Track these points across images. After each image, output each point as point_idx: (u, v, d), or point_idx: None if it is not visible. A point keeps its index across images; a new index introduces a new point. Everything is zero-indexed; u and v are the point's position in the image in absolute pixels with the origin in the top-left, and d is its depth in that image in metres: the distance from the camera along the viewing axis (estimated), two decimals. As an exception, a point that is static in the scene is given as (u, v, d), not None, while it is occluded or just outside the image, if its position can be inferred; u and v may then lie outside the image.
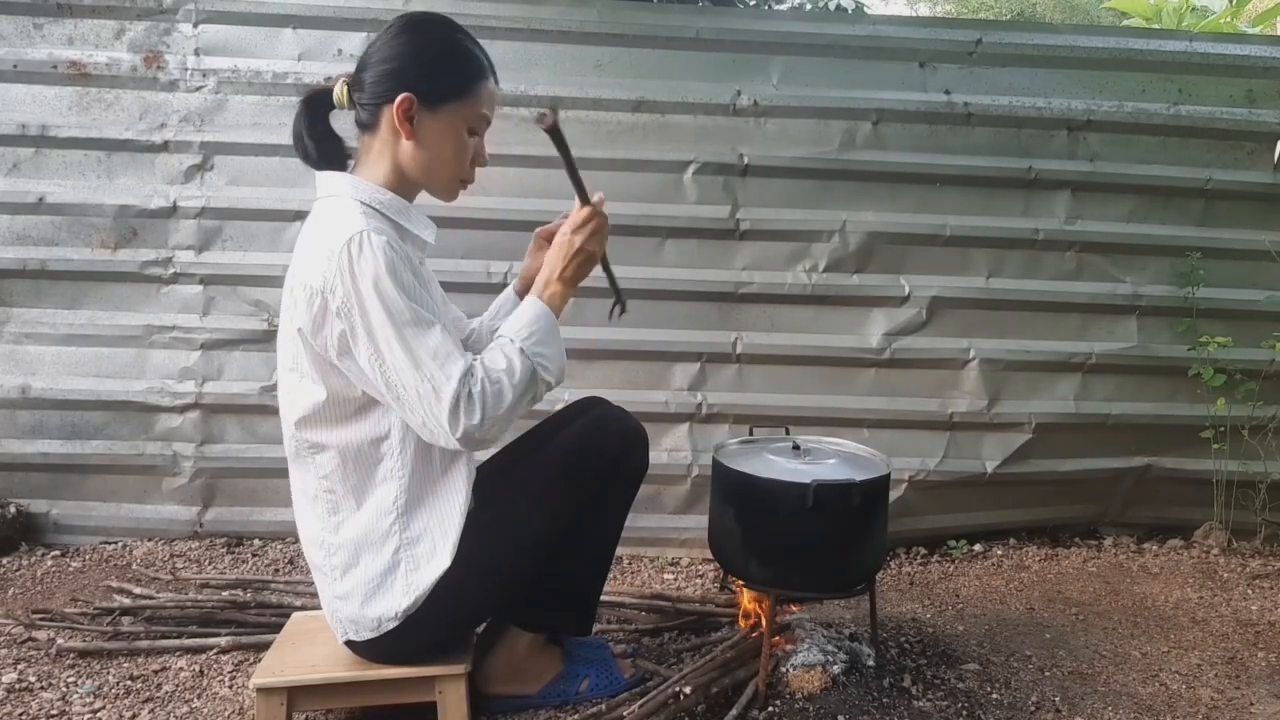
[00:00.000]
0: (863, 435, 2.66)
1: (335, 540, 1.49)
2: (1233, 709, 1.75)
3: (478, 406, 1.35)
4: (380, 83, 1.44)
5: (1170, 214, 2.81)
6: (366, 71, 1.46)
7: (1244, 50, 2.82)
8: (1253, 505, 2.72)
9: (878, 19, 2.93)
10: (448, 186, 1.53)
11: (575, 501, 1.57)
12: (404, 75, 1.43)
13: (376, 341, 1.35)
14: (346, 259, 1.34)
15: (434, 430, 1.36)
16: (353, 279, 1.34)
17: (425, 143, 1.46)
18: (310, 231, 1.45)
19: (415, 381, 1.34)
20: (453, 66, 1.47)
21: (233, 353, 2.65)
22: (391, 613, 1.47)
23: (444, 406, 1.33)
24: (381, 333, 1.34)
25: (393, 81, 1.43)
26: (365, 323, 1.34)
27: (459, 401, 1.34)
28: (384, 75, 1.44)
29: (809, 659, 1.74)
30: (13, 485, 2.62)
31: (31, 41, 2.61)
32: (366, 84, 1.45)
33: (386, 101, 1.43)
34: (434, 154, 1.47)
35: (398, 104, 1.42)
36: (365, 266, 1.33)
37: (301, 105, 1.50)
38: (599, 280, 2.64)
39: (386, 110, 1.44)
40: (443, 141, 1.47)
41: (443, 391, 1.33)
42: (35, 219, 2.62)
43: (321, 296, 1.36)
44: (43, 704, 1.71)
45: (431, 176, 1.50)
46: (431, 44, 1.47)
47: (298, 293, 1.40)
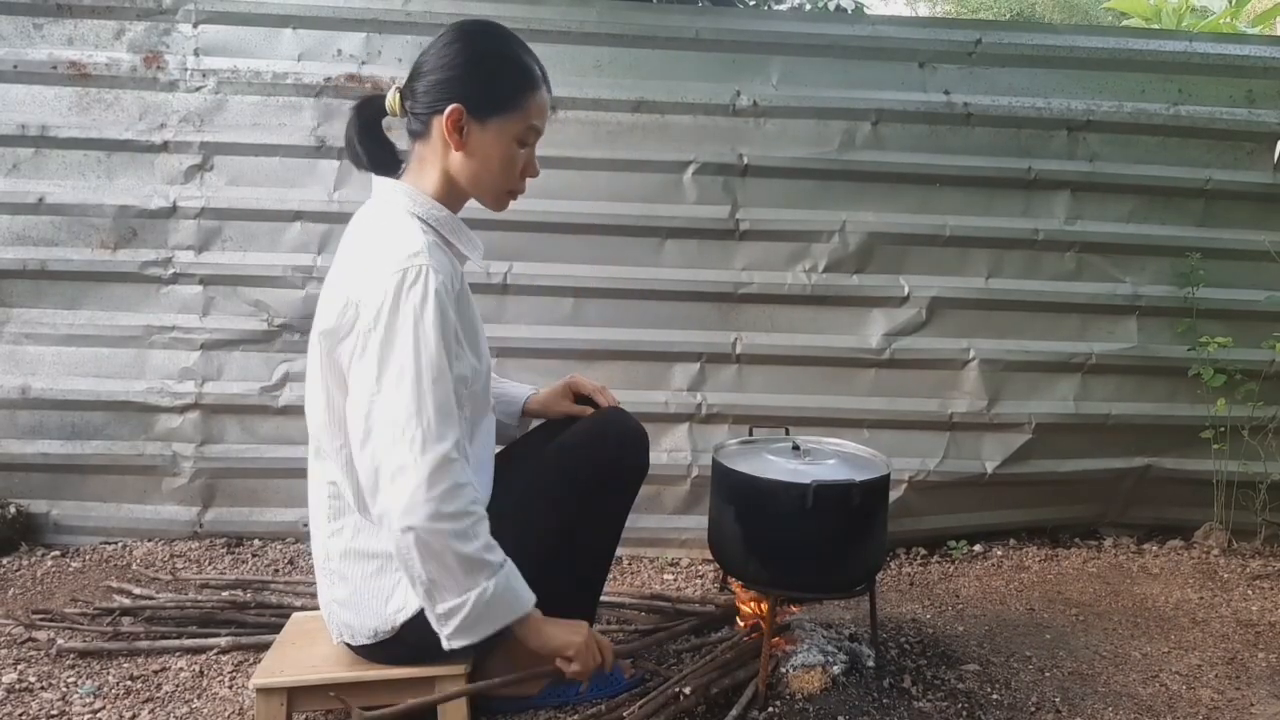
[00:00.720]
0: (863, 435, 2.66)
1: (336, 545, 1.49)
2: (1233, 709, 1.75)
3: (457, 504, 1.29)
4: (431, 92, 1.44)
5: (1170, 214, 2.81)
6: (419, 80, 1.46)
7: (1244, 50, 2.82)
8: (1253, 506, 2.72)
9: (877, 19, 2.93)
10: (496, 197, 1.53)
11: (576, 502, 1.57)
12: (454, 86, 1.43)
13: (385, 372, 1.31)
14: (395, 285, 1.32)
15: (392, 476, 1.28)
16: (394, 304, 1.32)
17: (474, 154, 1.46)
18: (360, 237, 1.45)
19: (405, 425, 1.28)
20: (503, 78, 1.46)
21: (233, 353, 2.65)
22: (388, 625, 1.47)
23: (426, 461, 1.28)
24: (396, 366, 1.31)
25: (443, 91, 1.43)
26: (383, 351, 1.32)
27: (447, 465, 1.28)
28: (435, 85, 1.44)
29: (809, 659, 1.74)
30: (13, 485, 2.62)
31: (31, 42, 2.61)
32: (418, 93, 1.46)
33: (437, 112, 1.44)
34: (482, 165, 1.47)
35: (447, 115, 1.42)
36: (413, 299, 1.32)
37: (354, 111, 1.51)
38: (600, 280, 2.67)
39: (437, 120, 1.44)
40: (491, 153, 1.47)
41: (430, 446, 1.28)
42: (35, 219, 2.62)
43: (355, 309, 1.35)
44: (43, 704, 1.71)
45: (480, 187, 1.50)
46: (483, 54, 1.46)
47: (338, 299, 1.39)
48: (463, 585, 1.32)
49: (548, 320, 2.67)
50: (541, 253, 2.66)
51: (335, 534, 1.49)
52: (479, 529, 1.34)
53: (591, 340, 2.67)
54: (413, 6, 2.64)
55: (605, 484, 1.61)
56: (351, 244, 1.47)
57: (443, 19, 2.63)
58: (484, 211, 1.59)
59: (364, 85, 2.64)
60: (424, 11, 2.64)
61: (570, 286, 2.68)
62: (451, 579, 1.32)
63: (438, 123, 1.44)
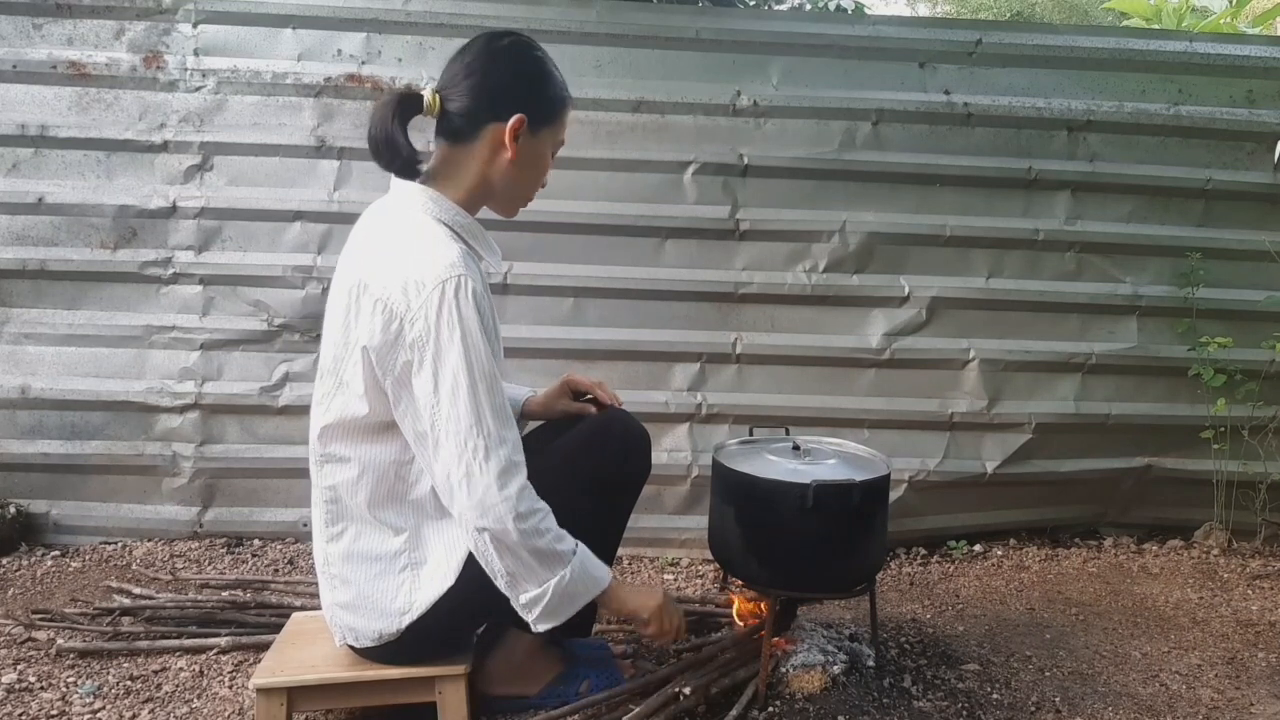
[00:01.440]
0: (863, 435, 2.66)
1: (335, 549, 1.49)
2: (1233, 709, 1.75)
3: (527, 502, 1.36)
4: (491, 97, 1.44)
5: (1170, 214, 2.81)
6: (466, 81, 1.44)
7: (1244, 50, 2.82)
8: (1253, 505, 2.72)
9: (877, 19, 2.93)
10: (520, 202, 1.58)
11: (577, 504, 1.56)
12: (518, 95, 1.46)
13: (441, 384, 1.34)
14: (438, 298, 1.33)
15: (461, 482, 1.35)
16: (438, 319, 1.33)
17: (522, 161, 1.49)
18: (384, 239, 1.43)
19: (468, 435, 1.34)
20: (553, 91, 1.52)
21: (232, 353, 2.65)
22: (392, 628, 1.47)
23: (492, 466, 1.34)
24: (450, 378, 1.34)
25: (508, 99, 1.45)
26: (436, 364, 1.34)
27: (510, 471, 1.35)
28: (496, 90, 1.45)
29: (809, 659, 1.74)
30: (12, 485, 2.62)
31: (31, 42, 2.61)
32: (469, 95, 1.44)
33: (495, 119, 1.44)
34: (525, 172, 1.51)
35: (512, 123, 1.44)
36: (457, 313, 1.33)
37: (394, 107, 1.44)
38: (601, 280, 2.67)
39: (494, 126, 1.45)
40: (536, 162, 1.52)
41: (494, 452, 1.34)
42: (35, 219, 2.62)
43: (400, 323, 1.35)
44: (43, 704, 1.71)
45: (514, 192, 1.54)
46: (537, 66, 1.51)
47: (364, 301, 1.38)
48: (541, 577, 1.40)
49: (548, 320, 2.67)
50: (542, 252, 2.66)
51: (334, 538, 1.49)
52: (547, 523, 1.40)
53: (592, 340, 2.67)
54: (413, 6, 2.64)
55: (608, 486, 1.61)
56: (373, 245, 1.44)
57: (443, 19, 2.64)
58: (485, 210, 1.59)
59: (364, 85, 2.64)
60: (424, 11, 2.64)
61: (570, 286, 2.68)
62: (529, 572, 1.39)
63: (494, 129, 1.45)
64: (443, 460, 1.36)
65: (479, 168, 1.48)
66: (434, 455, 1.37)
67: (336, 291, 1.46)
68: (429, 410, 1.35)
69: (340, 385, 1.42)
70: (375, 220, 1.49)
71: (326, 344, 1.47)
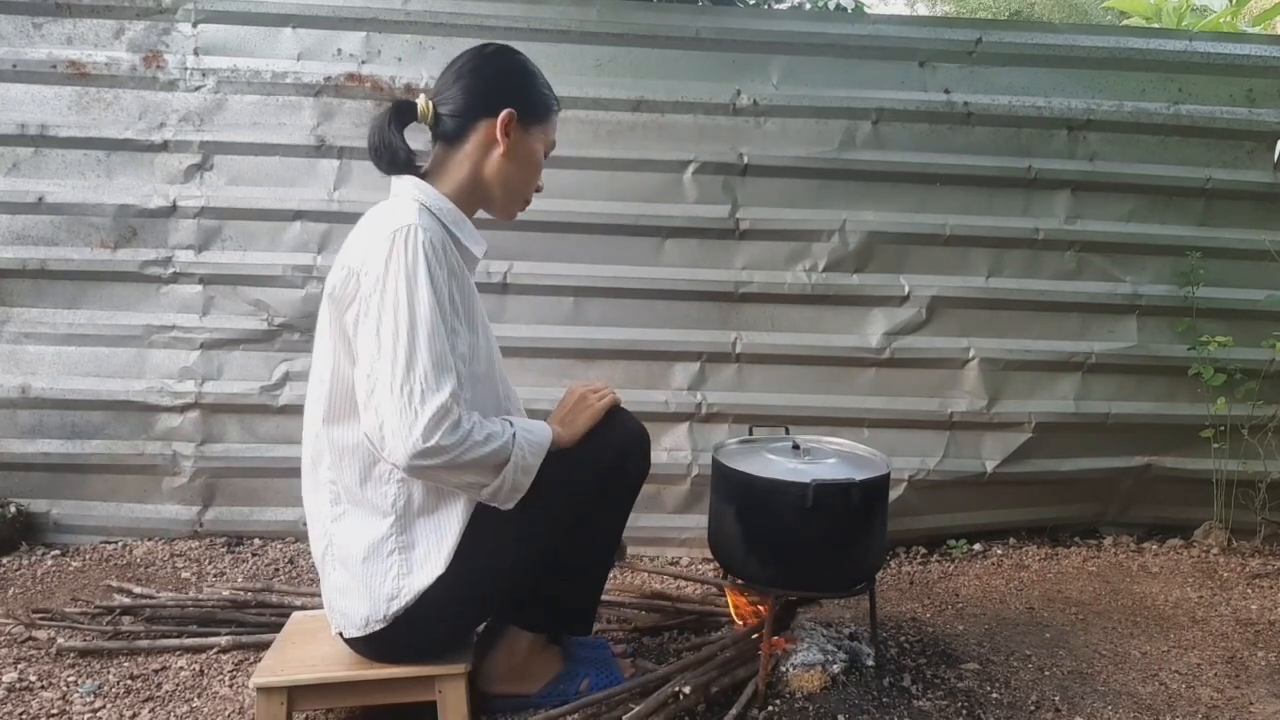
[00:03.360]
0: (862, 435, 2.66)
1: (336, 530, 1.50)
2: (1232, 708, 1.75)
3: (457, 436, 1.34)
4: (480, 94, 1.51)
5: (1170, 213, 2.81)
6: (456, 84, 1.52)
7: (1244, 50, 2.82)
8: (1253, 505, 2.72)
9: (877, 18, 2.93)
10: (517, 203, 1.61)
11: (576, 503, 1.57)
12: (506, 92, 1.52)
13: (382, 326, 1.35)
14: (388, 245, 1.37)
15: (394, 432, 1.33)
16: (386, 263, 1.36)
17: (514, 157, 1.53)
18: (364, 222, 1.49)
19: (403, 378, 1.33)
20: (543, 92, 1.57)
21: (232, 352, 2.65)
22: (379, 614, 1.47)
23: (426, 411, 1.32)
24: (391, 321, 1.35)
25: (496, 96, 1.51)
26: (379, 306, 1.36)
27: (444, 415, 1.33)
28: (486, 89, 1.51)
29: (809, 658, 1.74)
30: (13, 485, 2.62)
31: (31, 41, 2.61)
32: (460, 96, 1.51)
33: (486, 115, 1.50)
34: (519, 169, 1.55)
35: (502, 117, 1.50)
36: (405, 258, 1.36)
37: (393, 111, 1.53)
38: (601, 279, 2.67)
39: (482, 124, 1.51)
40: (528, 158, 1.56)
41: (429, 398, 1.33)
42: (35, 219, 2.62)
43: (357, 278, 1.39)
44: (43, 703, 1.71)
45: (511, 190, 1.57)
46: (526, 68, 1.57)
47: (337, 274, 1.43)
48: (491, 474, 1.42)
49: (548, 319, 2.67)
50: (542, 252, 2.66)
51: (336, 519, 1.50)
52: (480, 433, 1.38)
53: (592, 339, 2.67)
54: (412, 6, 2.64)
55: (607, 486, 1.61)
56: (355, 230, 1.51)
57: (443, 18, 2.64)
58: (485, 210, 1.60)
59: (364, 85, 2.63)
60: (424, 11, 2.64)
61: (570, 286, 2.68)
62: (479, 477, 1.41)
63: (485, 126, 1.51)
64: (376, 406, 1.35)
65: (472, 165, 1.53)
66: (365, 404, 1.37)
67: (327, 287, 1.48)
68: (370, 358, 1.36)
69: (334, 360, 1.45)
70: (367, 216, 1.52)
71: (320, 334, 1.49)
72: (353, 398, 1.42)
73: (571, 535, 1.58)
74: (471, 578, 1.48)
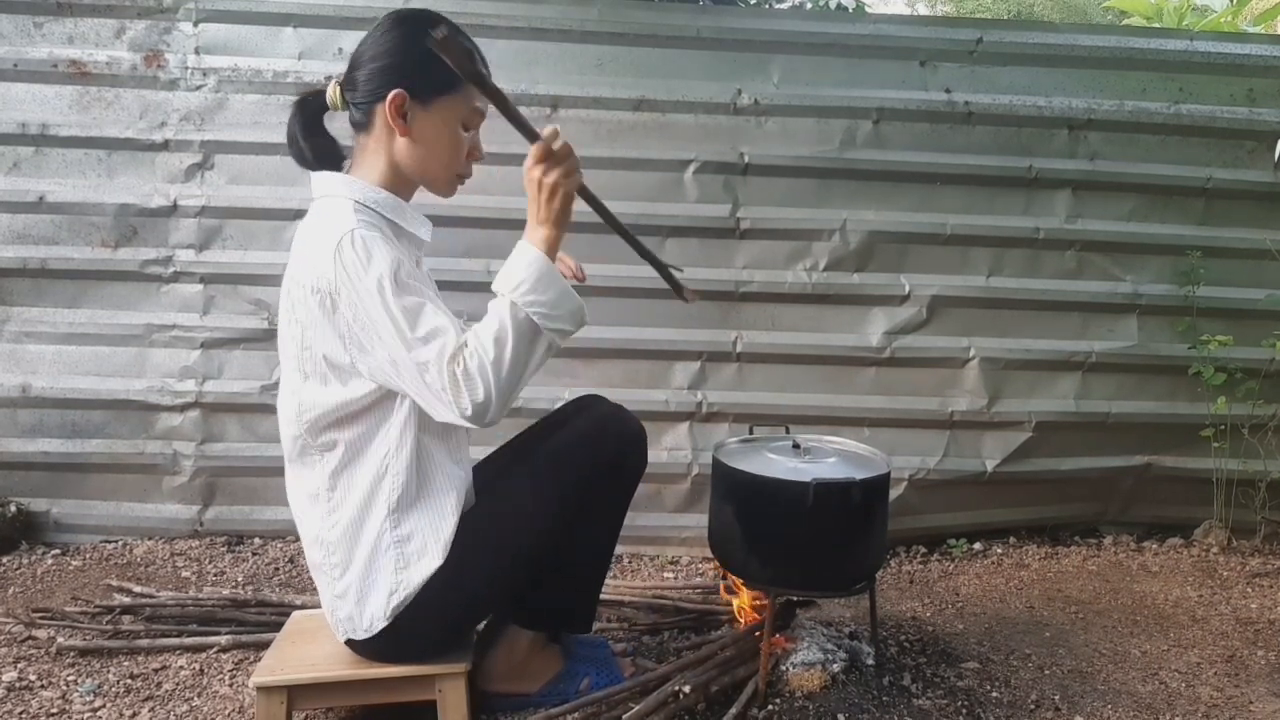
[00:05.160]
0: (863, 434, 2.66)
1: (333, 538, 1.49)
2: (1232, 707, 1.75)
3: (478, 381, 1.31)
4: (371, 80, 1.43)
5: (1171, 213, 2.81)
6: (358, 70, 1.45)
7: (1245, 49, 2.82)
8: (1252, 504, 2.72)
9: (878, 18, 2.93)
10: (445, 182, 1.52)
11: (574, 501, 1.57)
12: (394, 71, 1.42)
13: (379, 332, 1.34)
14: (341, 257, 1.34)
15: (441, 410, 1.34)
16: (349, 276, 1.34)
17: (420, 138, 1.45)
18: (305, 232, 1.45)
19: (411, 368, 1.33)
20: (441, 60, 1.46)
21: (233, 351, 2.65)
22: (382, 611, 1.47)
23: (444, 386, 1.31)
24: (380, 324, 1.34)
25: (384, 78, 1.42)
26: (369, 316, 1.34)
27: (457, 381, 1.31)
28: (375, 73, 1.43)
29: (809, 658, 1.74)
30: (13, 484, 2.62)
31: (31, 40, 2.61)
32: (359, 83, 1.45)
33: (379, 99, 1.42)
34: (429, 150, 1.46)
35: (390, 100, 1.41)
36: (357, 262, 1.33)
37: (295, 108, 1.51)
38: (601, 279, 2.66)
39: (379, 108, 1.43)
40: (437, 136, 1.46)
41: (436, 373, 1.31)
42: (35, 218, 2.62)
43: (331, 297, 1.36)
44: (43, 702, 1.71)
45: (428, 173, 1.49)
46: (420, 38, 1.42)
47: (295, 294, 1.40)
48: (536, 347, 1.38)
49: (548, 319, 2.67)
50: (542, 251, 2.65)
51: (332, 527, 1.49)
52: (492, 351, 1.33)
53: (592, 339, 2.66)
54: (414, 5, 2.63)
55: (604, 483, 1.61)
56: (298, 239, 1.46)
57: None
58: (486, 210, 1.60)
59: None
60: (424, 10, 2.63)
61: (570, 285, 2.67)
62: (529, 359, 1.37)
63: (380, 110, 1.43)
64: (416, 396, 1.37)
65: (384, 152, 1.47)
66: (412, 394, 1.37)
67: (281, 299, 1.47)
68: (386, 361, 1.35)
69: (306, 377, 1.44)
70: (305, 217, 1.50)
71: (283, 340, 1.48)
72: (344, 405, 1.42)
73: (570, 532, 1.58)
74: (470, 571, 1.48)
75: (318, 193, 1.49)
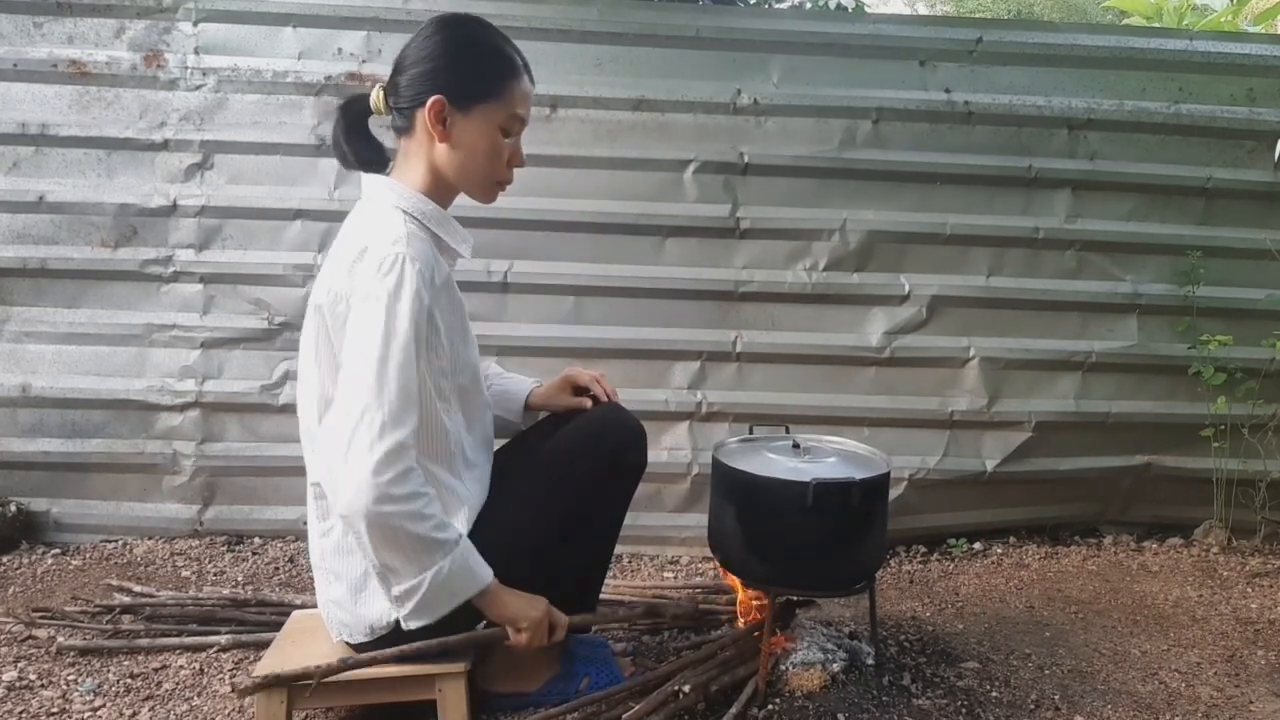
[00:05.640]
0: (863, 434, 2.66)
1: (328, 544, 1.49)
2: (1232, 707, 1.75)
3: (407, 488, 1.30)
4: (413, 85, 1.44)
5: (1170, 212, 2.81)
6: (400, 75, 1.46)
7: (1245, 49, 2.81)
8: (1252, 504, 2.72)
9: (878, 18, 2.93)
10: (484, 188, 1.53)
11: (573, 500, 1.57)
12: (435, 77, 1.43)
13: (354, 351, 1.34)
14: (377, 271, 1.34)
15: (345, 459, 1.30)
16: (370, 288, 1.34)
17: (459, 145, 1.46)
18: (350, 232, 1.46)
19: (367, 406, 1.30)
20: (483, 66, 1.46)
21: (233, 351, 2.65)
22: (383, 620, 1.47)
23: (383, 444, 1.29)
24: (364, 348, 1.33)
25: (425, 84, 1.43)
26: (357, 333, 1.34)
27: (400, 453, 1.30)
28: (416, 78, 1.44)
29: (808, 657, 1.74)
30: (13, 484, 2.62)
31: (31, 40, 2.61)
32: (401, 88, 1.46)
33: (420, 104, 1.43)
34: (468, 156, 1.47)
35: (429, 106, 1.42)
36: (387, 285, 1.33)
37: (339, 111, 1.51)
38: (601, 278, 2.67)
39: (420, 113, 1.44)
40: (476, 143, 1.47)
41: (388, 432, 1.30)
42: (35, 217, 2.62)
43: (346, 302, 1.37)
44: (43, 702, 1.71)
45: (467, 178, 1.50)
46: (461, 44, 1.46)
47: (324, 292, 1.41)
48: (420, 565, 1.35)
49: (548, 319, 2.67)
50: (542, 251, 2.66)
51: (326, 534, 1.50)
52: (431, 509, 1.35)
53: (592, 339, 2.67)
54: (413, 5, 2.64)
55: (604, 482, 1.61)
56: (339, 240, 1.48)
57: (443, 17, 2.63)
58: (484, 209, 1.60)
59: (364, 84, 2.63)
60: (424, 10, 2.63)
61: (571, 285, 2.68)
62: (406, 560, 1.35)
63: (421, 116, 1.44)
64: (334, 425, 1.33)
65: (425, 156, 1.48)
66: (321, 421, 1.36)
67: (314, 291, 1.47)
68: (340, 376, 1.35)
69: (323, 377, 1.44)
70: (348, 219, 1.51)
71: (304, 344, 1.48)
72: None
73: (570, 532, 1.58)
74: None
75: (368, 194, 1.50)
